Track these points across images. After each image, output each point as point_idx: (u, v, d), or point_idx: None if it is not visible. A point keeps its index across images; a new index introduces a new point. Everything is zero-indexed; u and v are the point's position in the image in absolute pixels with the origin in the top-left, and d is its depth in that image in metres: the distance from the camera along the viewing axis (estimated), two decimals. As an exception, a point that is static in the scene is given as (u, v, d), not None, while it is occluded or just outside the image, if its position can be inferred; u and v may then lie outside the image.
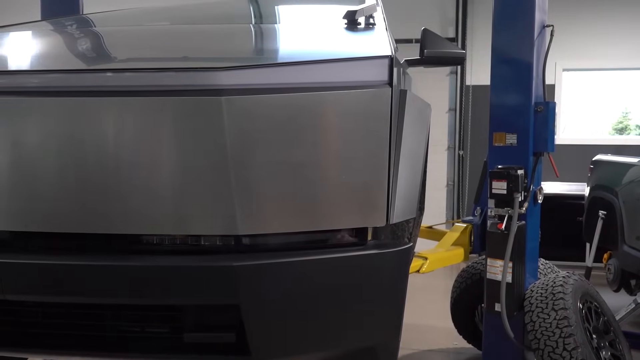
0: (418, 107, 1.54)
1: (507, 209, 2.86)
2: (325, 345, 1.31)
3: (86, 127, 1.23)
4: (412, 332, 4.17)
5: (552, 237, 5.13)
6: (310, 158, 1.23)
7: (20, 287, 1.24)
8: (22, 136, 1.24)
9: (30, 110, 1.23)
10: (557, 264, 3.45)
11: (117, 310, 1.29)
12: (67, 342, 1.32)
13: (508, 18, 3.05)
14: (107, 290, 1.23)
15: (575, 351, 2.56)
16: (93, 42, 1.68)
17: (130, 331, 1.32)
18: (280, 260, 1.22)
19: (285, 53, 1.56)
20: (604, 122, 7.25)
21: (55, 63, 1.48)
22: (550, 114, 3.00)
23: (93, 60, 1.47)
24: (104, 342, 1.31)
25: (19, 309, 1.33)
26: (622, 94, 7.09)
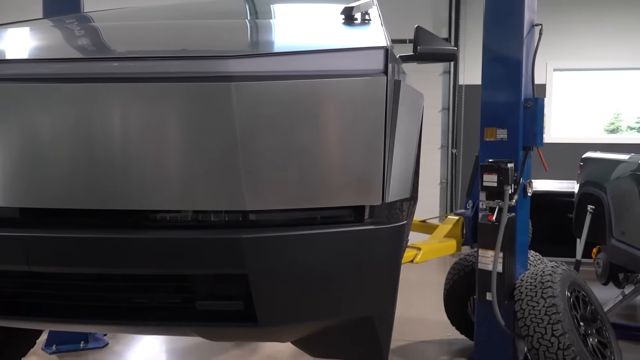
0: (411, 96, 1.64)
1: (497, 201, 2.96)
2: (326, 313, 1.40)
3: (111, 111, 1.32)
4: (407, 324, 4.27)
5: (544, 233, 5.26)
6: (312, 140, 1.33)
7: (46, 259, 1.33)
8: (53, 121, 1.32)
9: (61, 95, 1.31)
10: (549, 259, 3.54)
11: (136, 281, 1.38)
12: (89, 312, 1.41)
13: (498, 18, 3.15)
14: (127, 261, 1.31)
15: (563, 337, 2.66)
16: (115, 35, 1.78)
17: (147, 302, 1.40)
18: (285, 233, 1.31)
19: (289, 44, 1.66)
20: (597, 122, 7.38)
21: (84, 53, 1.58)
22: (539, 110, 3.10)
23: (119, 50, 1.57)
24: (124, 312, 1.40)
25: (42, 282, 1.42)
26: (615, 95, 7.21)
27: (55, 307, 1.42)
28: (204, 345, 3.84)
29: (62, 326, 1.80)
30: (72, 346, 3.73)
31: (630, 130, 7.27)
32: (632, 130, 7.20)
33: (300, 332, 1.50)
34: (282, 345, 3.83)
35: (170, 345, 3.86)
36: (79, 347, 3.74)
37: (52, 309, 1.42)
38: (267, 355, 3.66)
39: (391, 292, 1.47)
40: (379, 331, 1.46)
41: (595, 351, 2.85)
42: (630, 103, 7.20)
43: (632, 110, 7.26)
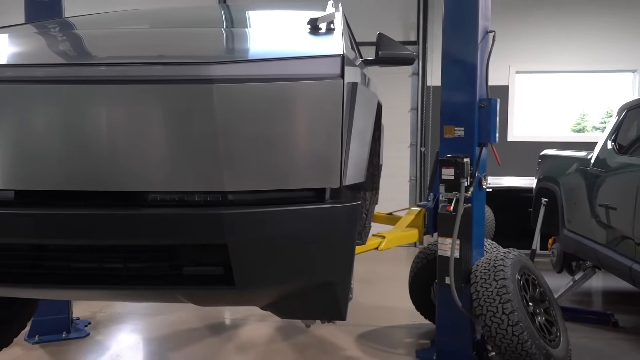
0: (366, 97, 1.90)
1: (455, 192, 3.22)
2: (294, 278, 1.65)
3: (113, 109, 1.56)
4: (375, 311, 4.54)
5: (508, 227, 5.59)
6: (281, 133, 1.57)
7: (57, 232, 1.57)
8: (55, 116, 1.55)
9: (61, 95, 1.55)
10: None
11: (133, 252, 1.60)
12: (91, 279, 1.64)
13: (455, 24, 3.42)
14: (128, 234, 1.56)
15: (512, 314, 2.94)
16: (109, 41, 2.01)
17: (143, 270, 1.62)
18: (258, 210, 1.55)
19: (261, 51, 1.90)
20: (564, 123, 7.74)
21: (80, 58, 1.82)
22: (493, 109, 3.38)
23: (117, 55, 1.80)
24: (123, 279, 1.63)
25: (49, 254, 1.63)
26: (581, 97, 7.58)
27: (61, 276, 1.63)
28: (181, 333, 4.02)
29: (66, 293, 2.05)
30: (54, 336, 3.87)
31: (595, 130, 7.60)
32: (597, 130, 7.54)
33: (271, 295, 1.73)
34: (255, 332, 4.04)
35: (149, 335, 4.03)
36: (61, 337, 3.87)
37: (57, 278, 1.63)
38: (241, 342, 3.86)
39: (348, 260, 1.72)
40: (339, 295, 1.71)
41: (542, 328, 3.14)
42: (595, 104, 7.59)
43: (596, 111, 7.64)
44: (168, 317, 4.38)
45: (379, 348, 3.73)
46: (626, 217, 3.59)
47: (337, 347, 3.76)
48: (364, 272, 5.84)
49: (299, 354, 3.62)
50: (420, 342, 3.86)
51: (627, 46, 7.12)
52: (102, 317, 4.34)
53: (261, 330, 4.06)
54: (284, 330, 4.05)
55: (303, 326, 4.04)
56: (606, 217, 3.90)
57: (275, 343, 3.83)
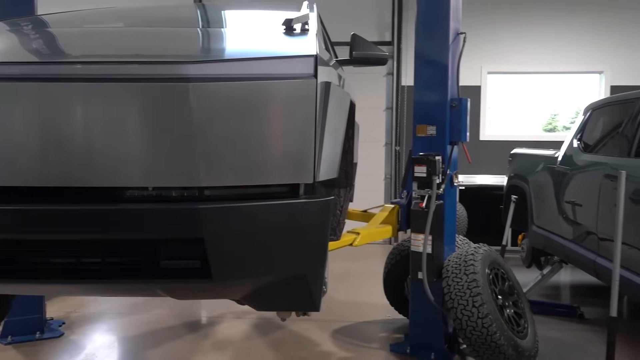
0: (339, 96, 1.96)
1: (427, 190, 3.31)
2: (270, 271, 1.70)
3: (85, 107, 1.58)
4: (350, 307, 4.61)
5: (479, 224, 5.73)
6: (256, 130, 1.62)
7: (33, 228, 1.58)
8: (32, 114, 1.57)
9: (39, 93, 1.57)
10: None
11: (109, 247, 1.63)
12: (69, 274, 1.66)
13: (427, 26, 3.51)
14: (105, 229, 1.58)
15: (482, 307, 3.04)
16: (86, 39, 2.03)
17: (122, 264, 1.65)
18: (234, 204, 1.60)
19: (237, 51, 1.94)
20: (536, 122, 7.93)
21: (57, 56, 1.84)
22: (464, 109, 3.48)
23: (93, 54, 1.82)
24: (99, 273, 1.65)
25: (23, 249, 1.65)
26: (552, 97, 7.78)
27: (38, 271, 1.65)
28: (158, 332, 4.03)
29: (45, 288, 2.06)
30: (27, 337, 3.83)
31: (566, 129, 7.79)
32: (567, 129, 7.72)
33: (247, 288, 1.78)
34: (232, 329, 4.07)
35: (125, 333, 4.02)
36: (35, 338, 3.84)
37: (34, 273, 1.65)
38: (218, 339, 3.89)
39: (321, 253, 1.77)
40: (312, 287, 1.76)
41: (511, 320, 3.25)
42: (565, 104, 7.80)
43: (567, 111, 7.85)
44: (144, 316, 4.37)
45: (354, 343, 3.80)
46: (591, 213, 3.73)
47: (313, 342, 3.81)
48: (340, 269, 5.91)
49: (275, 350, 3.66)
50: (394, 336, 3.94)
51: (594, 49, 7.35)
52: (76, 317, 4.31)
53: (238, 327, 4.09)
54: (260, 327, 4.09)
55: (279, 323, 4.10)
56: (572, 213, 4.04)
57: (251, 339, 3.87)
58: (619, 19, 7.31)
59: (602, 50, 7.34)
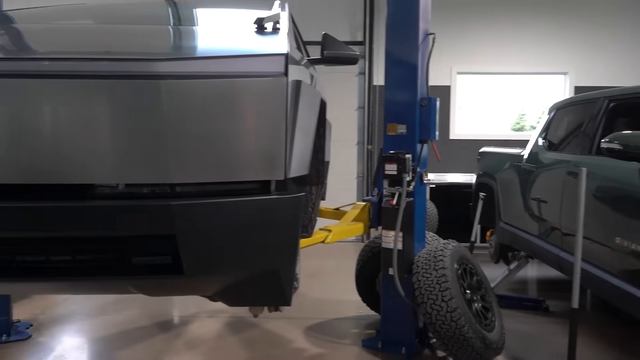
0: (310, 94, 1.99)
1: (397, 187, 3.37)
2: (241, 266, 1.72)
3: (56, 103, 1.57)
4: (323, 304, 4.65)
5: (449, 221, 5.84)
6: (227, 127, 1.64)
7: (3, 225, 1.56)
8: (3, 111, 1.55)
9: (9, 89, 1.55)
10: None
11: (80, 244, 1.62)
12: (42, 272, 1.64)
13: (397, 27, 3.57)
14: (76, 226, 1.57)
15: (451, 301, 3.11)
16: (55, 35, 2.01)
17: (91, 261, 1.65)
18: (205, 201, 1.61)
19: (208, 49, 1.96)
20: (504, 122, 8.11)
21: (27, 52, 1.81)
22: (433, 108, 3.55)
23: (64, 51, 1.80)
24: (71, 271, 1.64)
25: None
26: (520, 97, 7.97)
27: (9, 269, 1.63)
28: (129, 332, 3.99)
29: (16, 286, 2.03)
30: (-7, 340, 3.75)
31: (533, 128, 7.99)
32: (534, 128, 7.91)
33: (219, 283, 1.79)
34: (204, 328, 4.06)
35: (95, 335, 3.97)
36: (1, 341, 3.76)
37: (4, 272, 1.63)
38: (190, 339, 3.88)
39: (292, 249, 1.80)
40: (284, 282, 1.79)
41: (479, 314, 3.34)
42: (533, 104, 7.99)
43: (534, 111, 8.05)
44: (114, 317, 4.32)
45: (326, 339, 3.84)
46: (555, 209, 3.86)
47: (286, 339, 3.84)
48: (313, 266, 5.95)
49: (248, 348, 3.67)
50: (366, 332, 3.99)
51: (559, 51, 7.57)
52: (44, 319, 4.23)
53: (211, 326, 4.09)
54: (233, 326, 4.09)
55: (253, 321, 4.11)
56: (538, 210, 4.17)
57: (224, 338, 3.87)
58: (583, 23, 7.55)
59: (567, 52, 7.57)
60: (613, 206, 3.18)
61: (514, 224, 4.64)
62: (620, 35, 7.55)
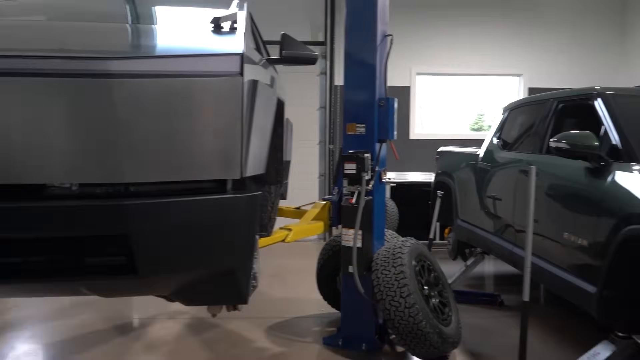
0: (266, 94, 2.00)
1: (356, 186, 3.42)
2: (196, 265, 1.71)
3: (5, 101, 1.52)
4: (285, 304, 4.66)
5: (409, 219, 5.94)
6: (183, 126, 1.64)
7: None
8: None
9: None
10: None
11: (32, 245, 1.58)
12: None
13: (356, 28, 3.62)
14: (28, 227, 1.53)
15: (409, 297, 3.18)
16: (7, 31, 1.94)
17: (42, 262, 1.61)
18: (159, 200, 1.61)
19: (164, 48, 1.94)
20: (464, 122, 8.31)
21: None
22: (391, 108, 3.61)
23: (15, 47, 1.75)
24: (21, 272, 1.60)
25: None
26: (479, 98, 8.17)
27: None
28: (86, 336, 3.90)
29: None
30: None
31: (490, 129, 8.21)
32: (491, 128, 8.14)
33: (175, 283, 1.78)
34: (164, 329, 4.01)
35: (50, 339, 3.86)
36: (-51, 348, 3.61)
37: None
38: (150, 341, 3.82)
39: (249, 248, 1.81)
40: (240, 280, 1.80)
41: (436, 309, 3.42)
42: (491, 105, 8.20)
43: (492, 111, 8.26)
44: (70, 321, 4.21)
45: (288, 338, 3.85)
46: (508, 207, 3.99)
47: (247, 339, 3.83)
48: (276, 266, 5.95)
49: (209, 349, 3.65)
50: (327, 329, 4.03)
51: (513, 53, 7.82)
52: (-4, 325, 4.09)
53: (171, 328, 4.04)
54: (194, 327, 4.05)
55: (214, 322, 4.08)
56: (493, 207, 4.30)
57: (185, 339, 3.83)
58: (536, 27, 7.83)
59: (521, 55, 7.83)
60: (561, 203, 3.32)
61: (471, 221, 4.77)
62: (571, 39, 7.86)
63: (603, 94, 3.30)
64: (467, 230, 4.84)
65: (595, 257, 2.83)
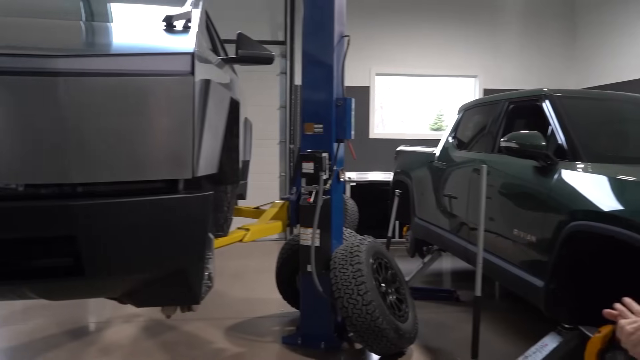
0: (219, 93, 2.00)
1: (314, 185, 3.44)
2: (147, 266, 1.69)
3: None
4: (245, 304, 4.64)
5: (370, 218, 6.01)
6: (132, 126, 1.61)
7: None
8: None
9: None
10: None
11: None
12: None
13: (313, 29, 3.64)
14: None
15: (366, 294, 3.23)
16: None
17: None
18: (108, 201, 1.58)
19: (114, 46, 1.91)
20: (424, 122, 8.46)
21: None
22: (348, 108, 3.65)
23: None
24: None
25: None
26: (439, 98, 8.35)
27: None
28: (38, 342, 3.78)
29: None
30: None
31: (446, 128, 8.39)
32: (447, 128, 8.33)
33: (124, 284, 1.76)
34: (120, 333, 3.93)
35: None
36: None
37: None
38: (105, 345, 3.74)
39: (201, 248, 1.80)
40: (192, 280, 1.79)
41: (393, 305, 3.49)
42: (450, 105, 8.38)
43: (451, 112, 8.45)
44: (21, 326, 4.07)
45: (247, 338, 3.84)
46: (463, 205, 4.10)
47: (205, 341, 3.80)
48: (237, 266, 5.92)
49: (166, 351, 3.60)
50: (287, 329, 4.04)
51: (470, 56, 8.02)
52: (-60, 332, 3.92)
53: (126, 331, 3.96)
54: (151, 329, 3.99)
55: (171, 324, 4.03)
56: (449, 205, 4.40)
57: (142, 342, 3.77)
58: (490, 30, 8.06)
59: (477, 57, 8.04)
60: (512, 201, 3.43)
61: (428, 219, 4.87)
62: (524, 42, 8.13)
63: (550, 95, 3.42)
64: (424, 228, 4.94)
65: (542, 252, 2.94)
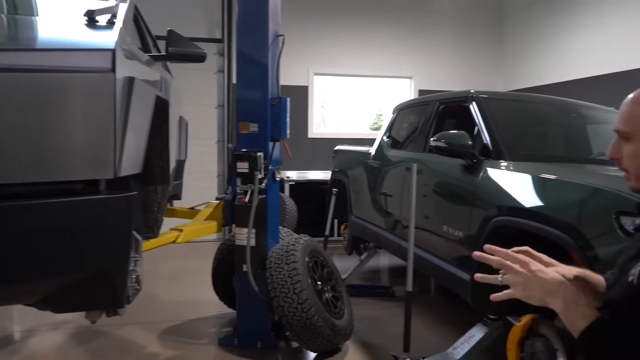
0: (144, 91, 1.95)
1: (250, 185, 3.42)
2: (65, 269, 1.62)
3: None
4: (181, 306, 4.55)
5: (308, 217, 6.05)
6: (50, 124, 1.54)
7: None
8: None
9: None
10: (316, 240, 4.10)
11: None
12: None
13: (247, 27, 3.61)
14: None
15: (302, 293, 3.24)
16: None
17: None
18: (22, 202, 1.50)
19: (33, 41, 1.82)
20: (364, 121, 8.58)
21: None
22: (283, 107, 3.65)
23: None
24: None
25: None
26: (378, 98, 8.50)
27: None
28: (-46, 354, 3.54)
29: None
30: None
31: (381, 128, 8.58)
32: (383, 128, 8.53)
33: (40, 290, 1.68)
34: (46, 341, 3.75)
35: None
36: None
37: None
38: (29, 354, 3.56)
39: (124, 249, 1.75)
40: (115, 284, 1.73)
41: (329, 303, 3.53)
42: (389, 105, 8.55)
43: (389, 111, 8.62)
44: None
45: (182, 341, 3.77)
46: (397, 203, 4.21)
47: (138, 345, 3.70)
48: (173, 268, 5.79)
49: (96, 358, 3.47)
50: (224, 330, 4.00)
51: (405, 57, 8.24)
52: None
53: (53, 339, 3.78)
54: (79, 336, 3.83)
55: (102, 329, 3.88)
56: (384, 204, 4.50)
57: (69, 350, 3.61)
58: (426, 33, 8.30)
59: (412, 58, 8.27)
60: (442, 198, 3.56)
61: (364, 217, 4.96)
62: (454, 44, 8.43)
63: (477, 97, 3.58)
64: (360, 226, 5.03)
65: (469, 246, 3.07)
